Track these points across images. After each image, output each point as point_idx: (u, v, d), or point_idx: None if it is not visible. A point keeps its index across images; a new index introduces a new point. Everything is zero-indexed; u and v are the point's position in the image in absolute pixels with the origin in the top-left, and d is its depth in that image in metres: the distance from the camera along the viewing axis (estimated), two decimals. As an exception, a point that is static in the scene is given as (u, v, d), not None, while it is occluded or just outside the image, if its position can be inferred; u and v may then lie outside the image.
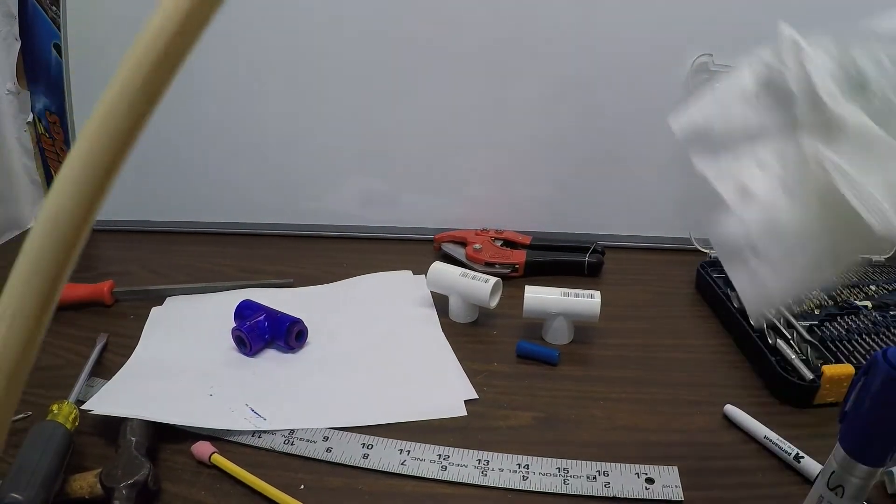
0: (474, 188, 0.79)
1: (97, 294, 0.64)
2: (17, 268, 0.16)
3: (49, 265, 0.16)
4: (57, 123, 0.86)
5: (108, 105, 0.16)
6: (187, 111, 0.78)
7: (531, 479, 0.43)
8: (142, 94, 0.17)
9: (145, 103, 0.17)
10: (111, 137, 0.16)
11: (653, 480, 0.42)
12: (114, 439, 0.44)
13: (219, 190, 0.82)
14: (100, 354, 0.56)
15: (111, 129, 0.16)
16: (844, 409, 0.34)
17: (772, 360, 0.52)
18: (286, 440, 0.46)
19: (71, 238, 0.16)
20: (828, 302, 0.63)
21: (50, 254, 0.16)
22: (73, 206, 0.16)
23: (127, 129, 0.16)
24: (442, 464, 0.44)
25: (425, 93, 0.75)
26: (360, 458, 0.44)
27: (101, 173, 0.16)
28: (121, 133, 0.16)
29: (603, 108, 0.75)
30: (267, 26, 0.74)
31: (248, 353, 0.56)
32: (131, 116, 0.16)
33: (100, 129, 0.16)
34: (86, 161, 0.16)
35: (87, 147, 0.16)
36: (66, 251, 0.16)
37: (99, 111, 0.16)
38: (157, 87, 0.17)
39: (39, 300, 0.16)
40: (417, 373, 0.54)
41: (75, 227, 0.16)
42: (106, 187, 0.17)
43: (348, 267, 0.72)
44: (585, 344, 0.59)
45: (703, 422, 0.49)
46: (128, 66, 0.17)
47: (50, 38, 0.82)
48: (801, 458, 0.43)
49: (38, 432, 0.42)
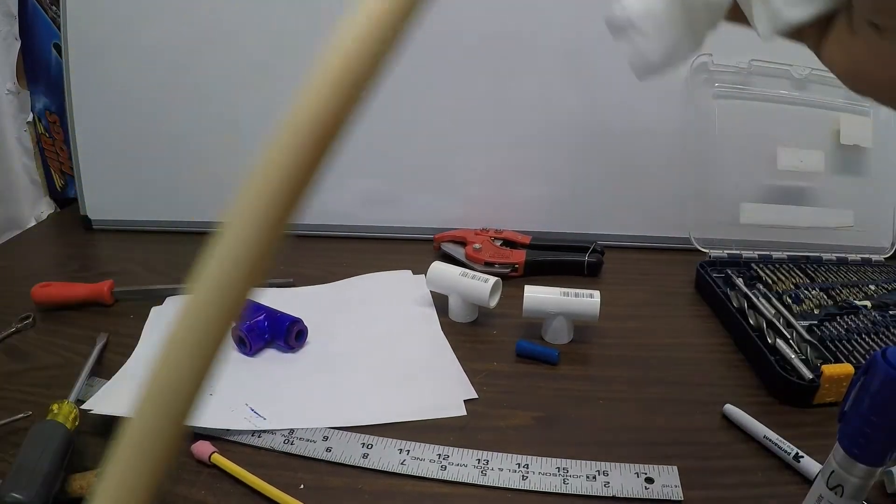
0: (474, 188, 0.79)
1: (97, 294, 0.64)
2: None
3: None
4: (57, 123, 0.86)
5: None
6: (189, 110, 0.78)
7: (531, 478, 0.43)
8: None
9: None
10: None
11: (652, 480, 0.42)
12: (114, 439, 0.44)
13: (220, 189, 0.81)
14: (100, 354, 0.56)
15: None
16: (843, 409, 0.34)
17: (771, 359, 0.52)
18: (286, 440, 0.46)
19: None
20: (827, 301, 0.63)
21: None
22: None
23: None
24: (442, 463, 0.44)
25: (425, 92, 0.75)
26: (359, 457, 0.44)
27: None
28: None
29: (603, 107, 0.75)
30: (267, 25, 0.74)
31: (247, 353, 0.56)
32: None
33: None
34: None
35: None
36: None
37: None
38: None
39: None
40: (417, 372, 0.54)
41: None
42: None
43: (348, 266, 0.72)
44: (585, 343, 0.59)
45: (702, 421, 0.49)
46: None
47: (50, 38, 0.82)
48: (801, 458, 0.43)
49: (39, 432, 0.42)
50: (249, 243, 0.15)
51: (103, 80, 0.78)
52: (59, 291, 0.64)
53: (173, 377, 0.15)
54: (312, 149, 0.15)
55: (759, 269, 0.68)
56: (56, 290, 0.64)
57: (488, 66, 0.74)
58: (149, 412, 0.15)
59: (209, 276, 0.15)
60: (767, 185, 0.75)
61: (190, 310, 0.15)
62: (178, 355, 0.15)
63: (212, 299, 0.15)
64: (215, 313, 0.15)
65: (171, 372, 0.15)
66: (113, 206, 0.83)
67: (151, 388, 0.15)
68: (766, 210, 0.74)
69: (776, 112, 0.74)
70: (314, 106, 0.15)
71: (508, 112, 0.76)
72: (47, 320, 0.62)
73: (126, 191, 0.83)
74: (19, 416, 0.47)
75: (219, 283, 0.15)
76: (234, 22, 0.75)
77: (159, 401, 0.15)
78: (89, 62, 0.77)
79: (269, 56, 0.75)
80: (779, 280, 0.66)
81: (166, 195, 0.82)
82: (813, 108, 0.73)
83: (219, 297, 0.15)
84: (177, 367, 0.15)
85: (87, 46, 0.76)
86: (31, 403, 0.49)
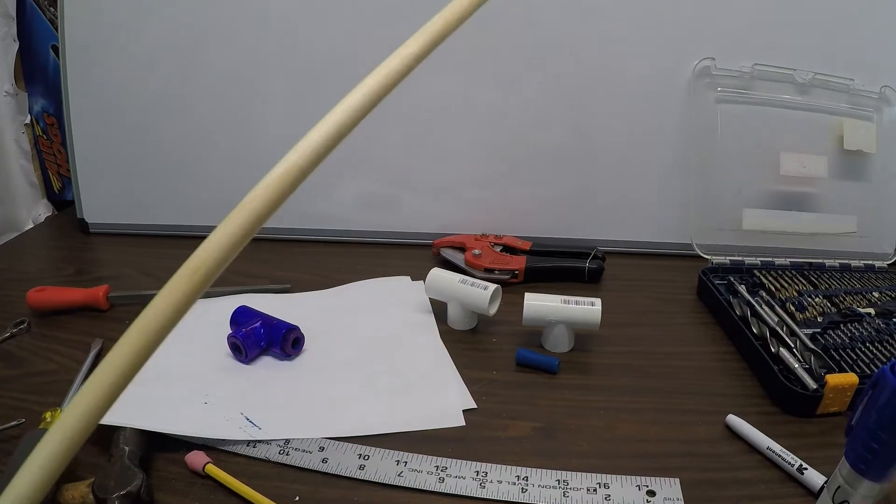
0: (474, 193, 0.79)
1: (92, 299, 0.63)
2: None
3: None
4: (54, 125, 0.86)
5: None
6: (184, 114, 0.77)
7: (530, 491, 0.42)
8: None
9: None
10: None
11: (654, 493, 0.42)
12: (107, 448, 0.43)
13: (217, 194, 0.81)
14: (94, 360, 0.55)
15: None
16: (851, 423, 0.33)
17: (774, 368, 0.51)
18: (281, 450, 0.45)
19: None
20: (831, 309, 0.62)
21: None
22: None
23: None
24: (439, 475, 0.43)
25: (425, 97, 0.75)
26: (356, 469, 0.44)
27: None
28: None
29: (604, 113, 0.74)
30: (263, 30, 0.74)
31: (243, 361, 0.55)
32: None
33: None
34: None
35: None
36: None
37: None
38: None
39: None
40: (415, 381, 0.54)
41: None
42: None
43: (346, 272, 0.72)
44: (586, 352, 0.58)
45: (704, 432, 0.48)
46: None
47: (48, 40, 0.82)
48: (805, 470, 0.43)
49: (31, 441, 0.41)
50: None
51: (101, 83, 0.77)
52: (55, 296, 0.63)
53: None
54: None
55: (762, 275, 0.68)
56: (51, 295, 0.63)
57: (489, 70, 0.74)
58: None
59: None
60: (770, 191, 0.74)
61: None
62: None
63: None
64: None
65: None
66: (110, 210, 0.83)
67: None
68: (769, 216, 0.73)
69: (779, 117, 0.73)
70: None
71: (509, 117, 0.75)
72: (42, 325, 0.62)
73: (123, 194, 0.82)
74: (12, 424, 0.47)
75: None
76: (232, 25, 0.74)
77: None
78: (87, 64, 0.76)
79: (265, 60, 0.75)
80: (782, 287, 0.66)
81: (163, 199, 0.82)
82: (816, 113, 0.73)
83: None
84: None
85: (84, 49, 0.76)
86: (24, 410, 0.48)
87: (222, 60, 0.75)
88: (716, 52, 0.71)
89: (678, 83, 0.72)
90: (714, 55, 0.71)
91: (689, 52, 0.71)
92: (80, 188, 0.81)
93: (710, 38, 0.71)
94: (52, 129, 0.86)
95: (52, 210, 0.90)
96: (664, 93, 0.73)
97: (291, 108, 0.76)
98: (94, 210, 0.82)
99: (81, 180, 0.81)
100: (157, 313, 0.18)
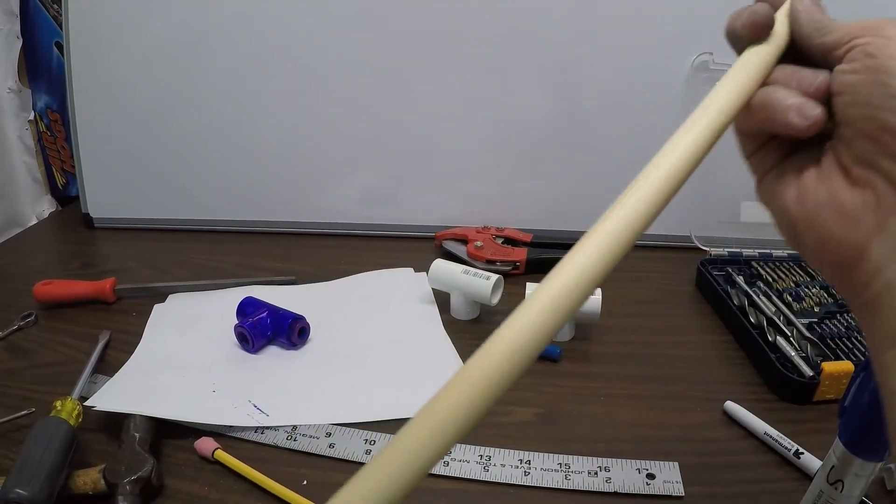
0: (475, 186, 0.80)
1: (99, 291, 0.64)
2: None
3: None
4: (58, 121, 0.87)
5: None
6: (187, 109, 0.78)
7: (532, 474, 0.43)
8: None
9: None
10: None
11: (654, 476, 0.43)
12: (117, 435, 0.44)
13: (221, 187, 0.82)
14: (102, 351, 0.56)
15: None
16: (843, 404, 0.34)
17: (772, 356, 0.52)
18: (289, 436, 0.46)
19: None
20: (827, 299, 0.63)
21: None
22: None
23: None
24: (444, 459, 0.44)
25: (426, 90, 0.75)
26: (362, 453, 0.45)
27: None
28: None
29: (604, 106, 0.75)
30: (266, 26, 0.74)
31: (250, 350, 0.56)
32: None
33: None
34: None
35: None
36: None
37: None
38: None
39: None
40: (419, 369, 0.55)
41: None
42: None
43: (350, 264, 0.73)
44: (586, 341, 0.59)
45: (703, 418, 0.49)
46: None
47: (51, 37, 0.82)
48: (801, 455, 0.44)
49: (42, 428, 0.42)
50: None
51: (104, 79, 0.78)
52: (61, 289, 0.64)
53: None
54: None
55: (760, 266, 0.69)
56: (58, 288, 0.64)
57: (489, 64, 0.74)
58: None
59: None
60: (768, 184, 0.75)
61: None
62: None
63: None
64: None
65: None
66: (114, 204, 0.83)
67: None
68: (767, 208, 0.74)
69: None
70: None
71: (510, 110, 0.76)
72: (49, 318, 0.62)
73: (127, 189, 0.83)
74: (22, 413, 0.48)
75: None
76: (236, 20, 0.75)
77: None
78: (90, 60, 0.77)
79: (269, 55, 0.76)
80: (779, 278, 0.67)
81: (167, 193, 0.82)
82: (813, 107, 0.73)
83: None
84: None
85: (88, 45, 0.76)
86: (33, 400, 0.49)
87: (226, 56, 0.76)
88: (714, 46, 0.71)
89: (677, 77, 0.73)
90: (712, 50, 0.72)
91: (688, 46, 0.72)
92: (84, 183, 0.82)
93: (709, 33, 0.71)
94: (56, 126, 0.87)
95: (55, 206, 0.91)
96: (663, 87, 0.73)
97: (294, 102, 0.77)
98: (99, 205, 0.83)
99: (86, 175, 0.82)
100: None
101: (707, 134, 0.25)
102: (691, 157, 0.24)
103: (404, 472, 0.18)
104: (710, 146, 0.25)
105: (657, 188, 0.24)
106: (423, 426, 0.19)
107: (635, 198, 0.24)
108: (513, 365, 0.19)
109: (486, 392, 0.19)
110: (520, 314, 0.20)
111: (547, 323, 0.20)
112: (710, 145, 0.25)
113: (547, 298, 0.20)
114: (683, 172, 0.24)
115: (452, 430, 0.19)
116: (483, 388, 0.19)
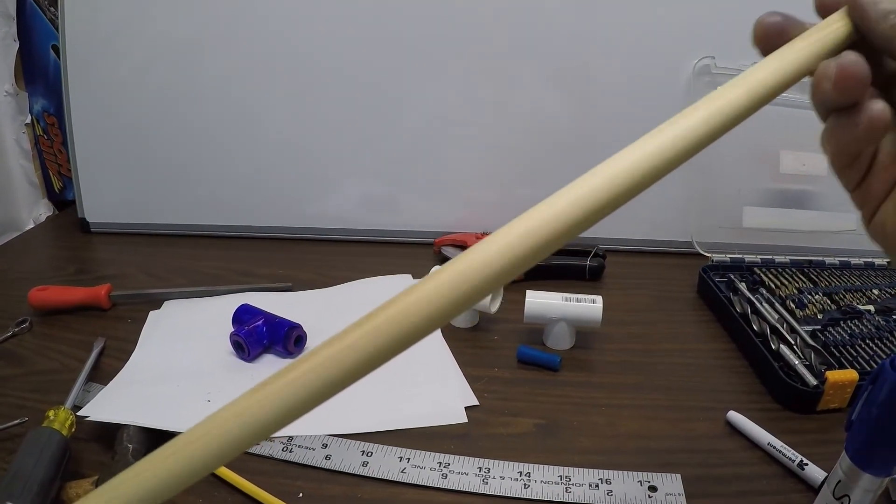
0: (475, 191, 0.79)
1: (94, 297, 0.64)
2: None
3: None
4: (55, 125, 0.86)
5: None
6: (185, 114, 0.78)
7: (533, 487, 0.42)
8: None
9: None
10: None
11: (656, 488, 0.42)
12: (110, 446, 0.43)
13: (217, 193, 0.81)
14: (97, 359, 0.55)
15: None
16: (851, 418, 0.33)
17: (775, 365, 0.52)
18: (284, 447, 0.45)
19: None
20: (830, 306, 0.62)
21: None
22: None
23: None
24: (442, 471, 0.43)
25: (425, 96, 0.75)
26: (359, 465, 0.44)
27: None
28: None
29: (604, 111, 0.74)
30: (264, 30, 0.74)
31: (246, 359, 0.55)
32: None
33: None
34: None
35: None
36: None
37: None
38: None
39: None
40: (417, 379, 0.54)
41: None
42: None
43: (347, 271, 0.72)
44: (587, 349, 0.58)
45: (705, 428, 0.48)
46: None
47: (48, 40, 0.82)
48: (805, 466, 0.43)
49: (34, 439, 0.41)
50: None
51: (101, 82, 0.77)
52: (57, 295, 0.63)
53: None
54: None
55: (762, 273, 0.68)
56: (53, 294, 0.63)
57: (489, 69, 0.74)
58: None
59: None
60: (770, 189, 0.74)
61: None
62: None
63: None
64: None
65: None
66: (111, 209, 0.83)
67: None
68: (769, 214, 0.73)
69: (779, 115, 0.73)
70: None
71: (509, 115, 0.75)
72: (44, 324, 0.62)
73: (124, 193, 0.82)
74: (15, 423, 0.47)
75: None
76: (232, 25, 0.74)
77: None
78: (87, 64, 0.77)
79: (265, 59, 0.75)
80: (782, 284, 0.66)
81: (164, 198, 0.82)
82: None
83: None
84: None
85: (85, 48, 0.76)
86: (26, 409, 0.48)
87: (222, 60, 0.75)
88: (715, 50, 0.71)
89: (678, 81, 0.73)
90: (714, 53, 0.72)
91: (689, 50, 0.71)
92: (81, 188, 0.81)
93: (710, 37, 0.71)
94: (53, 129, 0.86)
95: (52, 210, 0.90)
96: (664, 91, 0.73)
97: (291, 107, 0.77)
98: (95, 210, 0.83)
99: (82, 180, 0.81)
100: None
101: (745, 103, 0.24)
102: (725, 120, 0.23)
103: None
104: (741, 118, 0.24)
105: (710, 113, 0.23)
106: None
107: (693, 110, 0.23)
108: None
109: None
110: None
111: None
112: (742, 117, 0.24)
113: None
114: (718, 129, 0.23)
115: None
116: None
